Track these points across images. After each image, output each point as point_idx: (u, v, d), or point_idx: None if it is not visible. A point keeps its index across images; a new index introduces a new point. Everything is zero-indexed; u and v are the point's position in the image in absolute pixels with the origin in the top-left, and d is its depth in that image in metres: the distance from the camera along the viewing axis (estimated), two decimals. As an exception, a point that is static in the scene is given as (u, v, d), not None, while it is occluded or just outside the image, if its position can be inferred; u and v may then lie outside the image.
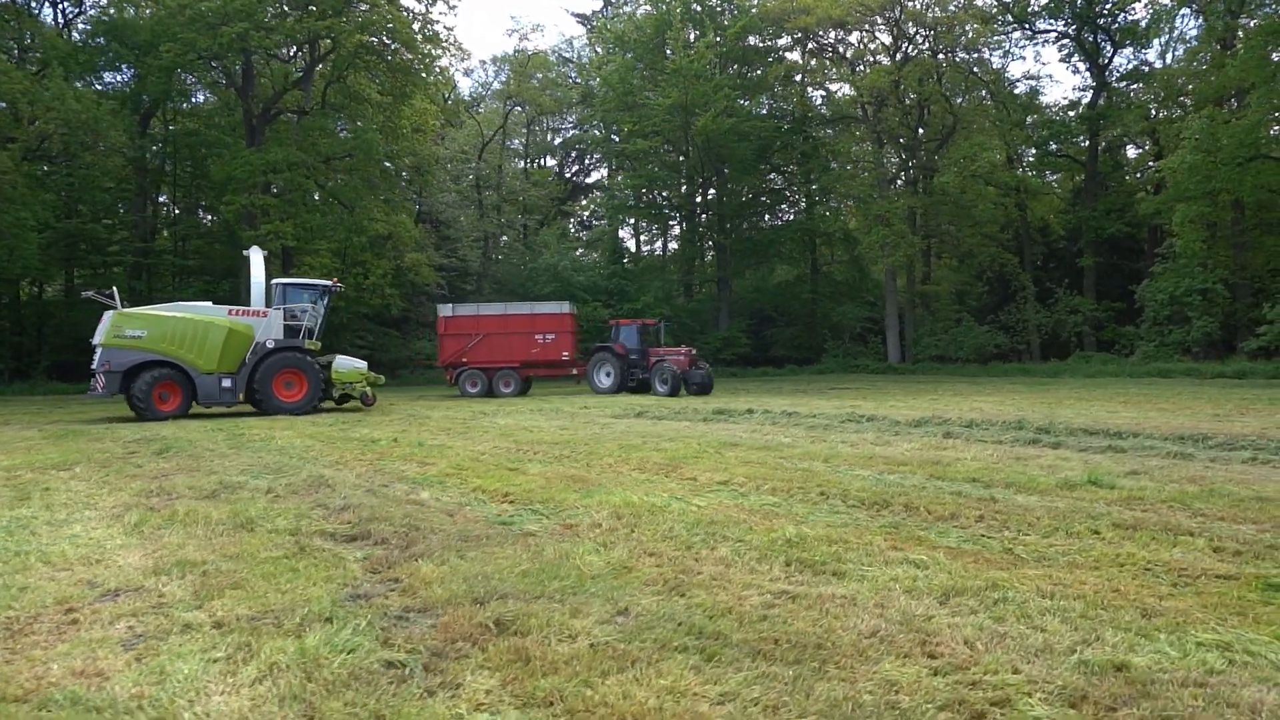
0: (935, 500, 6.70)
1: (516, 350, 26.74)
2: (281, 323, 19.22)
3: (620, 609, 4.01)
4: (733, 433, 12.63)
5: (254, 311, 19.23)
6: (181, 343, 18.14)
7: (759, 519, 6.15)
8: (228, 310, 19.25)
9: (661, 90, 38.30)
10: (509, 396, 25.69)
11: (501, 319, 27.29)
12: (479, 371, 26.67)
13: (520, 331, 26.93)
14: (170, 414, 17.80)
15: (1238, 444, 9.77)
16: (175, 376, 18.03)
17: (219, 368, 18.34)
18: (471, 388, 26.51)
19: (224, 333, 18.48)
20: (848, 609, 3.94)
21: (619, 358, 25.52)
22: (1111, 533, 5.51)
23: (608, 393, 24.94)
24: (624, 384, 25.46)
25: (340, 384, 19.51)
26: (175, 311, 18.88)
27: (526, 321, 27.24)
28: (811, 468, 8.74)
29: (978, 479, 7.74)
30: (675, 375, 23.74)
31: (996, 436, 11.18)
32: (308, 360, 19.04)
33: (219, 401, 18.60)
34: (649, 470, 8.85)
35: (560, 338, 27.01)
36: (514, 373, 26.61)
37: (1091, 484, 7.28)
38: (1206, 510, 6.18)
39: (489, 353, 26.72)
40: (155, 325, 18.22)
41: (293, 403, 18.75)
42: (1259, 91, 26.84)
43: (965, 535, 5.59)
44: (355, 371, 19.46)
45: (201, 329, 18.41)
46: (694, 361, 25.02)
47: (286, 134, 32.55)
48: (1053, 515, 6.09)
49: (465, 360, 26.77)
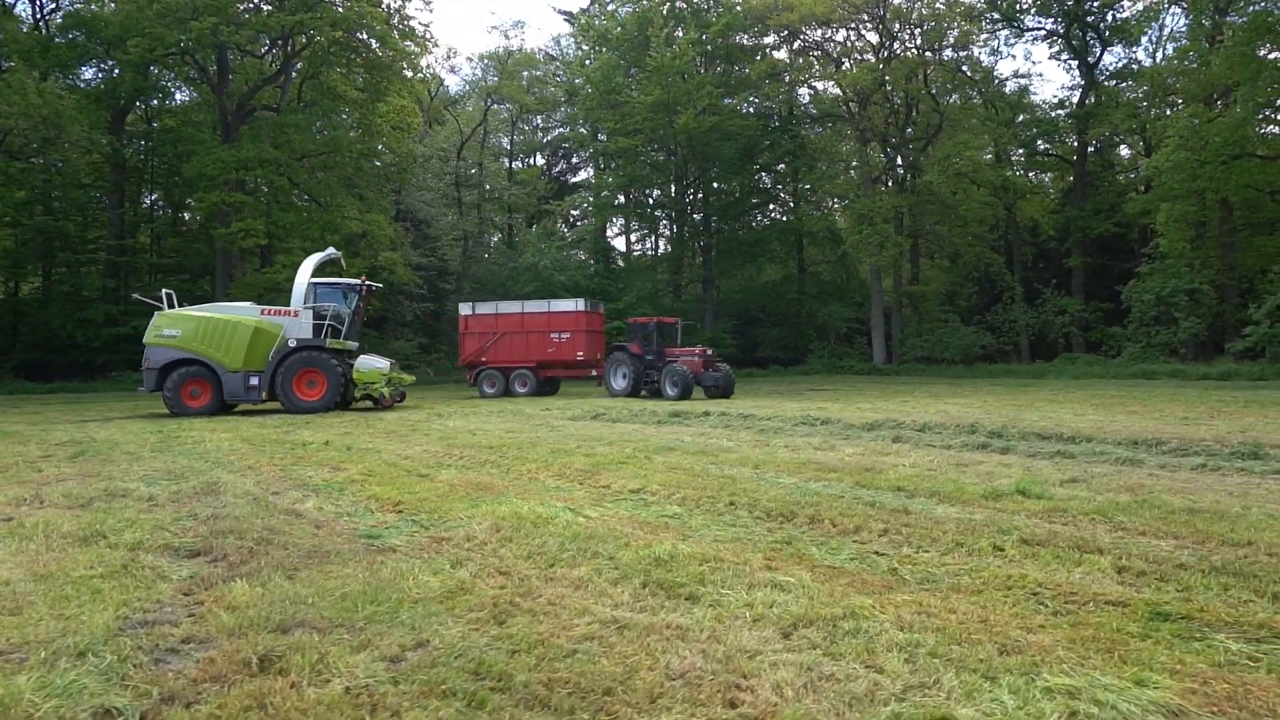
0: (846, 512, 6.24)
1: (533, 350, 25.90)
2: (311, 322, 19.16)
3: (419, 641, 3.55)
4: (679, 436, 12.17)
5: (285, 311, 19.40)
6: (211, 341, 18.62)
7: (644, 533, 5.69)
8: (261, 310, 19.47)
9: (643, 88, 37.83)
10: (524, 396, 25.07)
11: (519, 317, 26.40)
12: (496, 371, 26.01)
13: (537, 330, 26.02)
14: (200, 410, 18.47)
15: (1192, 449, 9.32)
16: (205, 374, 18.61)
17: (244, 366, 18.61)
18: (489, 388, 25.85)
19: (250, 332, 18.75)
20: (672, 643, 3.49)
21: (634, 359, 24.02)
22: (1016, 550, 5.06)
23: (622, 396, 23.53)
24: (639, 386, 23.89)
25: (361, 384, 19.10)
26: (211, 311, 19.36)
27: (543, 320, 26.20)
28: (737, 474, 8.28)
29: (903, 488, 7.29)
30: (686, 377, 22.37)
31: (946, 441, 10.73)
32: (327, 359, 18.73)
33: (245, 399, 18.87)
34: (566, 477, 8.39)
35: (575, 336, 25.80)
36: (530, 373, 25.74)
37: (1019, 493, 6.82)
38: (1129, 524, 5.72)
39: (507, 352, 26.04)
40: (189, 325, 18.83)
41: (312, 401, 18.61)
42: (1243, 89, 26.39)
43: (857, 552, 5.13)
44: (375, 371, 18.95)
45: (229, 328, 18.76)
46: (709, 362, 23.58)
47: (262, 131, 32.08)
48: (962, 529, 5.63)
49: (484, 360, 26.14)
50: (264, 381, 18.68)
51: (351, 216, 30.77)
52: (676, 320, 25.86)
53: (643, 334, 24.60)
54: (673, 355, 23.78)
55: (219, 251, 32.41)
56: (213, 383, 18.68)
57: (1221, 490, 7.09)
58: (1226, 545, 5.12)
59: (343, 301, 19.87)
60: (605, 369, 24.61)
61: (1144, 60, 43.93)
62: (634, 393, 23.73)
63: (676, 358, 23.43)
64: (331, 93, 31.86)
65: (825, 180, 40.57)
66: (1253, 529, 5.46)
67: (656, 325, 24.61)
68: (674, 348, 24.54)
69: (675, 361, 23.02)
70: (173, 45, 26.75)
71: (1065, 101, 44.36)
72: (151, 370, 18.67)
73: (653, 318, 25.38)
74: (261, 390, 18.74)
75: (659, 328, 24.65)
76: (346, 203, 31.67)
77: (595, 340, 26.16)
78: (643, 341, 24.32)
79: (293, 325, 19.13)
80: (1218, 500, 6.58)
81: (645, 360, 23.89)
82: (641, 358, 23.97)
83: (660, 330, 24.70)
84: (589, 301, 27.48)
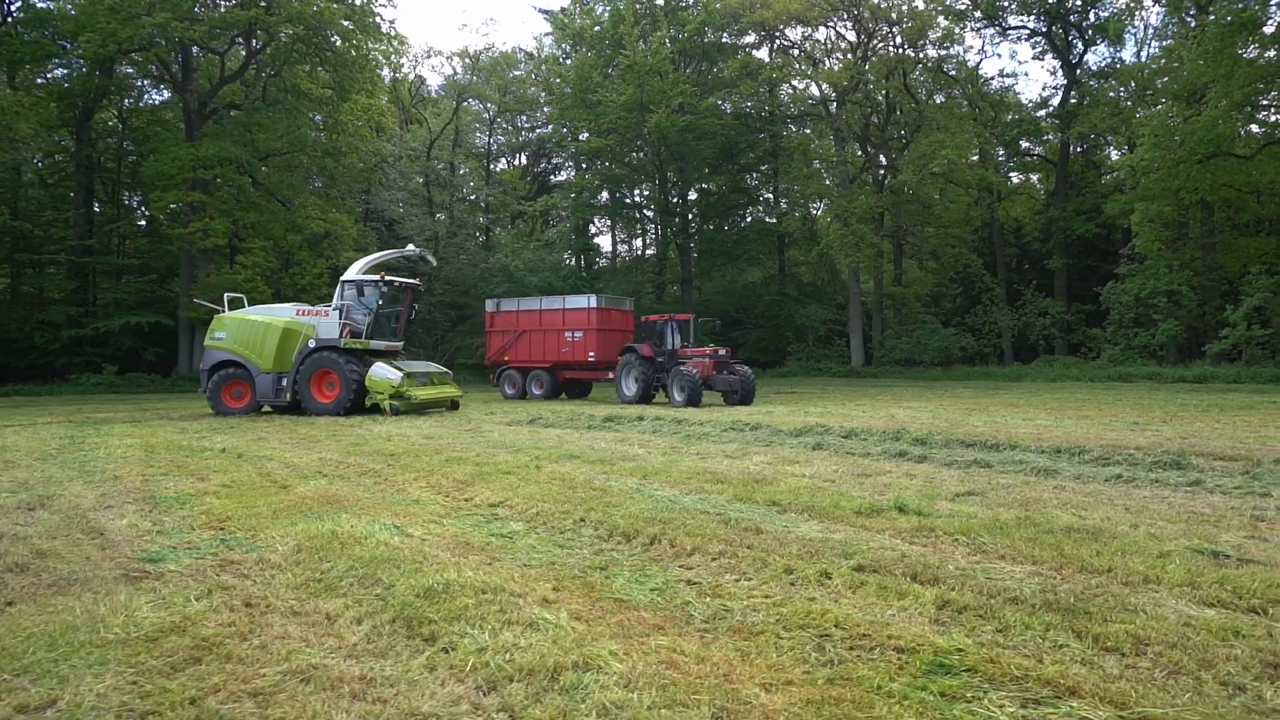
0: (695, 531, 5.70)
1: (549, 349, 24.38)
2: (338, 321, 18.24)
3: (50, 698, 3.00)
4: (592, 443, 11.61)
5: (319, 311, 18.66)
6: (248, 343, 18.47)
7: (452, 556, 5.14)
8: (296, 310, 18.91)
9: (617, 87, 37.30)
10: (540, 399, 23.88)
11: (537, 314, 24.93)
12: (516, 371, 24.91)
13: (552, 329, 24.41)
14: (239, 410, 18.47)
15: (1113, 459, 8.78)
16: (244, 375, 18.51)
17: (275, 367, 18.20)
18: (509, 389, 24.78)
19: (279, 333, 18.33)
20: (345, 700, 2.94)
21: (645, 361, 21.63)
22: (843, 579, 4.50)
23: (633, 402, 21.42)
24: (649, 391, 21.61)
25: (371, 391, 17.46)
26: (254, 313, 19.15)
27: (557, 318, 24.54)
28: (616, 487, 7.72)
29: (779, 502, 6.73)
30: (692, 381, 19.96)
31: (866, 448, 10.17)
32: (339, 360, 17.69)
33: (274, 401, 18.35)
34: (438, 489, 7.85)
35: (586, 336, 23.81)
36: (546, 374, 24.30)
37: (897, 509, 6.27)
38: (992, 546, 5.18)
39: (526, 351, 24.80)
40: (234, 327, 18.74)
41: (325, 404, 17.70)
42: (1217, 87, 25.85)
43: (670, 580, 4.58)
44: (384, 382, 17.07)
45: (262, 330, 18.50)
46: (722, 364, 20.92)
47: (227, 130, 31.52)
48: (805, 552, 5.08)
49: (506, 359, 25.05)
50: (289, 383, 18.09)
51: (314, 216, 30.16)
52: (690, 316, 23.15)
53: (654, 333, 22.27)
54: (682, 356, 21.43)
55: (182, 253, 31.86)
56: (250, 384, 18.40)
57: (1121, 505, 6.54)
58: (1083, 573, 4.57)
59: (358, 300, 18.48)
60: (616, 372, 22.46)
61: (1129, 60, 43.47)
62: (645, 398, 21.68)
63: (682, 359, 21.16)
64: (296, 90, 31.29)
65: (801, 180, 39.97)
66: (1122, 552, 4.91)
67: (670, 323, 22.17)
68: (686, 347, 22.04)
69: (682, 364, 20.67)
70: (126, 41, 26.13)
71: (1047, 101, 43.83)
72: (204, 372, 18.89)
73: (666, 315, 22.79)
74: (286, 391, 18.15)
75: (674, 326, 22.20)
76: (309, 202, 31.07)
77: (612, 340, 23.88)
78: (655, 342, 22.10)
79: (325, 325, 18.27)
80: (1108, 517, 6.04)
81: (656, 362, 21.63)
82: (653, 360, 21.67)
83: (676, 329, 22.18)
84: (605, 297, 25.17)
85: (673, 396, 20.51)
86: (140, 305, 34.48)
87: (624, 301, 26.17)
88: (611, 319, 24.67)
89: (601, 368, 23.68)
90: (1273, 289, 29.33)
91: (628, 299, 25.88)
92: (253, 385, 18.38)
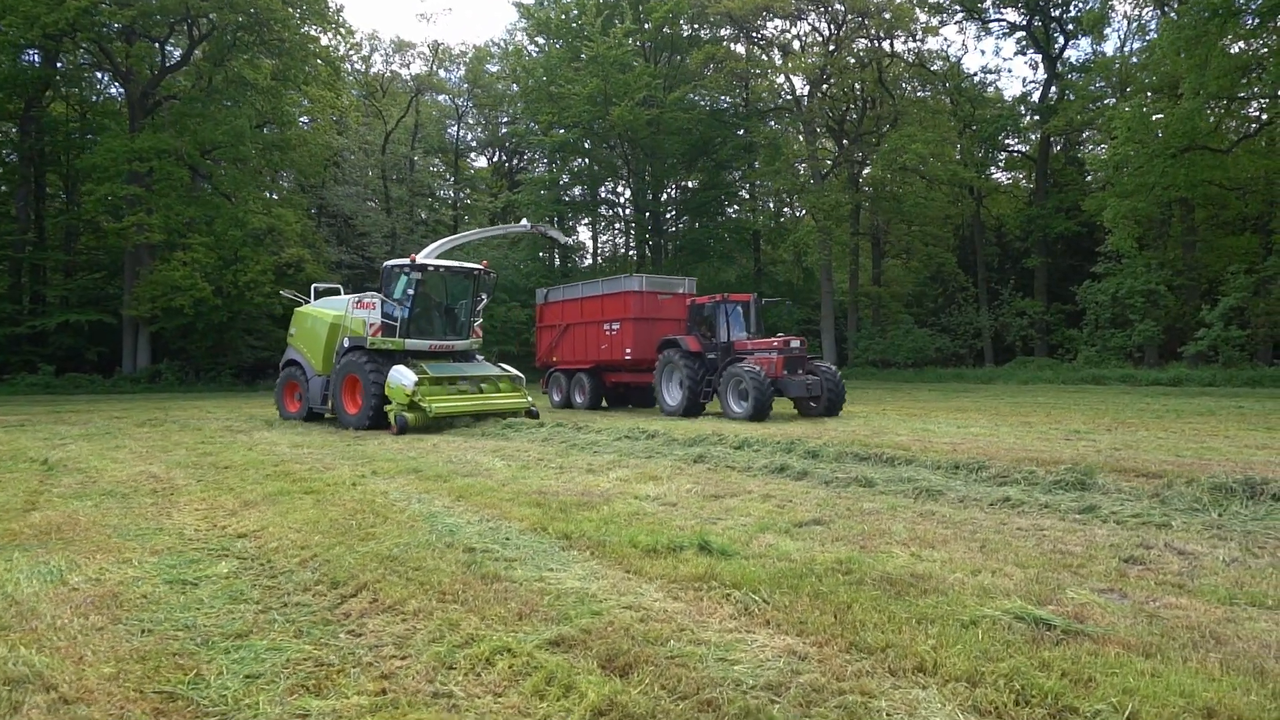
0: (423, 578, 4.56)
1: (590, 346, 19.73)
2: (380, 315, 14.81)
3: None
4: (457, 454, 10.45)
5: (367, 302, 15.12)
6: (306, 341, 16.18)
7: (57, 622, 3.97)
8: (354, 301, 15.51)
9: (581, 79, 36.13)
10: (582, 409, 19.37)
11: (578, 304, 20.30)
12: (562, 375, 20.44)
13: (593, 320, 19.61)
14: (296, 415, 16.10)
15: (1013, 476, 7.62)
16: (300, 376, 16.11)
17: (324, 369, 15.62)
18: (556, 396, 20.43)
19: (326, 328, 15.65)
20: None
21: (692, 359, 16.38)
22: (517, 661, 3.34)
23: (678, 414, 16.37)
24: (696, 399, 16.31)
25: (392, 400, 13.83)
26: (325, 305, 16.52)
27: (596, 307, 19.60)
28: (414, 512, 6.57)
29: (574, 534, 5.59)
30: (760, 384, 14.53)
31: (748, 461, 9.01)
32: (362, 363, 14.35)
33: (321, 408, 15.51)
34: (207, 513, 6.72)
35: (623, 328, 18.65)
36: (587, 376, 19.73)
37: (699, 547, 5.10)
38: (767, 605, 4.03)
39: (570, 350, 20.37)
40: (299, 322, 16.50)
41: (352, 416, 14.43)
42: (1190, 79, 24.66)
43: (291, 659, 3.41)
44: (398, 388, 13.48)
45: (313, 325, 16.01)
46: (795, 360, 15.46)
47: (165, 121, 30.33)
48: (520, 612, 3.93)
49: (555, 360, 20.78)
50: (332, 388, 15.10)
51: (256, 211, 28.96)
52: (751, 297, 17.43)
53: (704, 321, 16.96)
54: (740, 349, 16.09)
55: (126, 249, 30.68)
56: (305, 386, 15.92)
57: (980, 540, 5.38)
58: (850, 651, 3.42)
59: (390, 288, 14.82)
60: (655, 374, 17.36)
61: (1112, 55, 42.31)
62: (694, 408, 16.41)
63: (741, 355, 15.90)
64: (240, 81, 30.09)
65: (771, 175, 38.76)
66: (922, 619, 3.76)
67: (723, 307, 16.66)
68: (745, 339, 16.57)
69: (741, 362, 15.40)
70: (51, 25, 24.89)
71: (1028, 96, 42.68)
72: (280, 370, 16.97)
73: (719, 295, 17.11)
74: (329, 398, 15.19)
75: (730, 310, 16.75)
76: (253, 197, 29.87)
77: (657, 333, 18.18)
78: (704, 332, 16.82)
79: (370, 320, 14.88)
80: (949, 560, 4.87)
81: (706, 360, 16.37)
82: (701, 356, 16.41)
83: (732, 314, 16.76)
84: (651, 277, 19.62)
85: (728, 405, 15.28)
86: (85, 303, 33.29)
87: (677, 283, 19.87)
88: (658, 306, 18.85)
89: (645, 368, 18.55)
90: (1252, 288, 28.17)
91: (684, 279, 20.12)
92: (306, 388, 15.88)
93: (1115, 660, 3.23)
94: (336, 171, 38.12)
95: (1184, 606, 3.96)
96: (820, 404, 15.40)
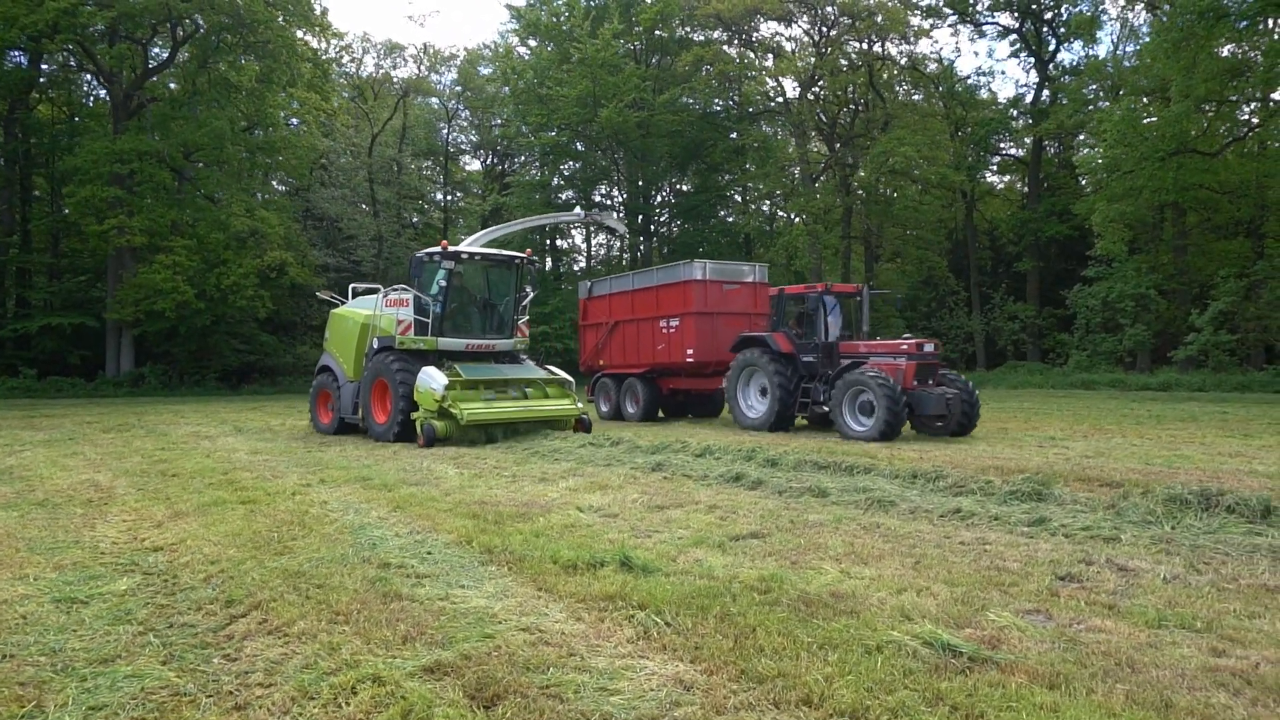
0: (322, 596, 4.37)
1: (644, 347, 17.02)
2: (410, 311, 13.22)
3: None
4: (412, 463, 10.24)
5: (399, 299, 13.55)
6: (339, 344, 14.63)
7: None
8: (387, 298, 13.96)
9: (570, 81, 35.98)
10: (633, 421, 16.92)
11: (629, 297, 17.67)
12: (610, 380, 17.85)
13: (647, 317, 16.95)
14: (328, 428, 14.46)
15: (969, 486, 7.41)
16: (332, 384, 14.57)
17: (355, 375, 14.07)
18: (605, 405, 17.91)
19: (358, 329, 14.10)
20: None
21: (783, 362, 13.80)
22: (336, 687, 3.14)
23: (761, 428, 13.78)
24: (788, 411, 13.70)
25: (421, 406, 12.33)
26: (358, 305, 14.95)
27: (650, 300, 16.93)
28: (346, 523, 6.37)
29: (498, 548, 5.39)
30: (893, 394, 11.94)
31: (705, 470, 8.81)
32: (389, 365, 12.90)
33: (354, 418, 13.94)
34: (132, 523, 6.53)
35: (684, 324, 15.98)
36: (640, 382, 17.04)
37: (620, 563, 4.89)
38: (669, 628, 3.83)
39: (620, 351, 17.75)
40: (333, 325, 15.04)
41: (380, 426, 13.07)
42: (1178, 82, 24.49)
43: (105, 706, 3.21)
44: (429, 394, 12.00)
45: (345, 326, 14.52)
46: (927, 367, 12.76)
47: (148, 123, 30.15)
48: (409, 634, 3.74)
49: (602, 363, 18.27)
50: (360, 394, 13.69)
51: (238, 214, 28.75)
52: (859, 288, 14.87)
53: (796, 317, 14.47)
54: (850, 352, 13.48)
55: (109, 252, 30.48)
56: (337, 394, 14.37)
57: (917, 555, 5.18)
58: (741, 680, 3.23)
59: (421, 281, 13.33)
60: (730, 379, 14.62)
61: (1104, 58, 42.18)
62: (784, 421, 13.84)
63: (860, 357, 13.27)
64: (224, 82, 29.92)
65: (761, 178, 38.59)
66: (816, 647, 3.55)
67: (824, 299, 14.11)
68: (857, 341, 14.05)
69: (864, 369, 12.66)
70: (30, 26, 24.71)
71: (1020, 100, 42.56)
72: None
73: (817, 285, 14.52)
74: (359, 406, 13.73)
75: (831, 304, 14.25)
76: (237, 199, 29.67)
77: (726, 330, 15.59)
78: (798, 329, 14.28)
79: (407, 316, 13.28)
80: (878, 576, 4.67)
81: (804, 364, 13.80)
82: (795, 359, 13.83)
83: (833, 308, 14.30)
84: (716, 264, 16.47)
85: (845, 422, 12.53)
86: (68, 306, 33.09)
87: (746, 271, 17.01)
88: (723, 298, 16.15)
89: (709, 372, 16.12)
90: (1242, 293, 27.99)
91: (753, 266, 17.27)
92: (338, 396, 14.31)
93: (1015, 692, 3.03)
94: (323, 174, 37.89)
95: (1108, 630, 3.76)
96: (949, 422, 12.57)
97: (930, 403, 12.22)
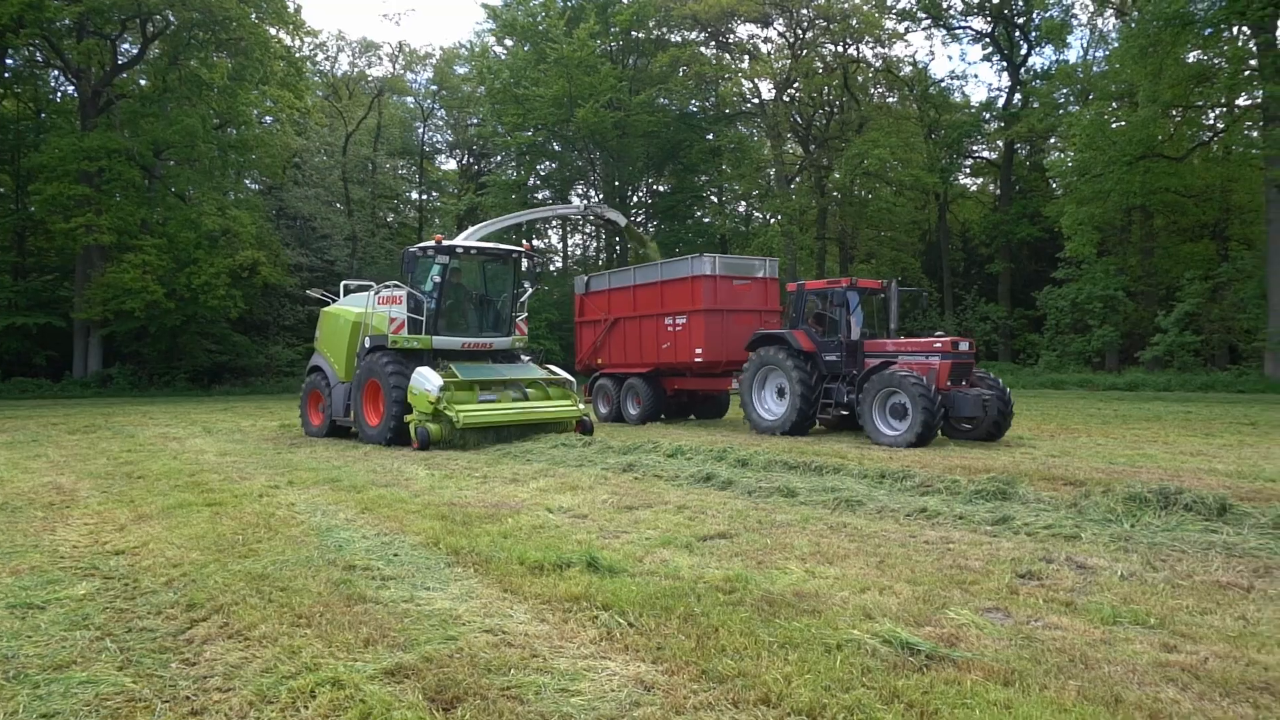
0: (284, 599, 4.32)
1: (646, 345, 16.35)
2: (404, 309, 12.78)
3: None
4: (384, 464, 10.18)
5: (392, 296, 13.06)
6: (330, 344, 14.17)
7: None
8: (374, 293, 13.56)
9: (545, 81, 35.90)
10: (634, 423, 16.16)
11: (630, 292, 16.94)
12: (609, 380, 17.13)
13: (651, 314, 16.26)
14: (318, 430, 14.02)
15: (936, 485, 7.50)
16: (323, 384, 14.09)
17: (347, 376, 13.57)
18: (604, 406, 17.15)
19: (349, 328, 13.64)
20: None
21: (803, 360, 13.12)
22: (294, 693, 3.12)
23: (778, 431, 13.20)
24: (809, 412, 13.08)
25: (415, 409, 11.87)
26: (345, 303, 14.54)
27: (654, 295, 16.21)
28: (312, 525, 6.33)
29: (464, 549, 5.39)
30: (930, 399, 11.29)
31: (676, 470, 8.84)
32: (382, 365, 12.45)
33: (346, 420, 13.46)
34: (96, 526, 6.44)
35: (691, 321, 15.31)
36: (643, 382, 16.34)
37: (586, 564, 4.90)
38: (631, 629, 3.84)
39: (621, 349, 17.06)
40: (324, 324, 14.55)
41: (373, 429, 12.68)
42: (1145, 87, 24.94)
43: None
44: (423, 395, 11.53)
45: (336, 324, 14.10)
46: (962, 366, 12.14)
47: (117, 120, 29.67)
48: (372, 638, 3.72)
49: (599, 361, 17.59)
50: (352, 396, 13.24)
51: (210, 212, 28.38)
52: (886, 283, 13.59)
53: (817, 313, 13.65)
54: (878, 350, 12.79)
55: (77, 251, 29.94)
56: (328, 395, 13.94)
57: (882, 555, 5.24)
58: (702, 680, 3.24)
59: (414, 277, 12.92)
60: (744, 379, 13.93)
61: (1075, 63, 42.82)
62: (803, 424, 13.19)
63: (889, 356, 12.55)
64: (196, 79, 29.51)
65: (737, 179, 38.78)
66: (778, 646, 3.59)
67: (849, 296, 13.15)
68: (884, 339, 13.36)
69: (895, 367, 12.03)
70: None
71: (993, 103, 43.07)
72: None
73: (840, 280, 13.79)
74: (351, 408, 13.27)
75: (854, 301, 13.26)
76: (207, 197, 29.29)
77: (737, 329, 15.11)
78: (819, 327, 13.53)
79: (400, 314, 12.79)
80: (842, 576, 4.72)
81: (826, 363, 13.15)
82: (817, 358, 13.20)
83: (856, 305, 13.32)
84: (727, 258, 16.01)
85: (875, 426, 11.91)
86: (34, 306, 32.45)
87: (756, 265, 16.32)
88: (734, 294, 15.49)
89: (718, 372, 15.56)
90: (1207, 295, 28.54)
91: (763, 260, 16.50)
92: (329, 397, 13.87)
93: (970, 689, 3.07)
94: (297, 173, 37.51)
95: (1064, 627, 3.82)
96: (981, 426, 11.98)
97: (965, 405, 11.65)
